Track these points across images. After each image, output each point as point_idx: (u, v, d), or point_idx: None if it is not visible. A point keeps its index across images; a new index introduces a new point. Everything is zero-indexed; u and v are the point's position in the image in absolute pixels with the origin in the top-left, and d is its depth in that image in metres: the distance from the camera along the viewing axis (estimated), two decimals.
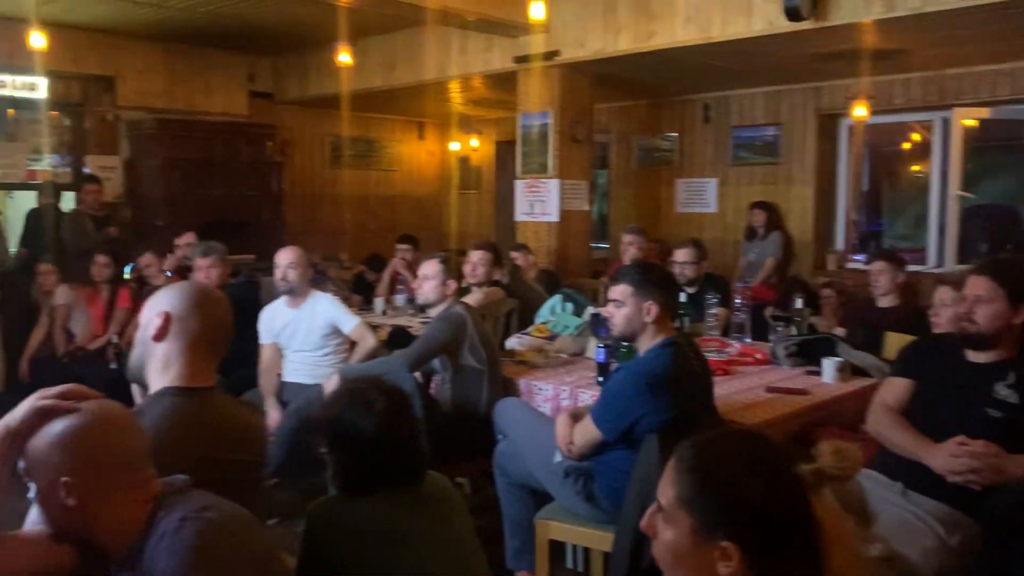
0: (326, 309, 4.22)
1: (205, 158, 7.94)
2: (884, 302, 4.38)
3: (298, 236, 8.78)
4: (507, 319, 4.90)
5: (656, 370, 2.67)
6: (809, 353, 3.92)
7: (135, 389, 2.00)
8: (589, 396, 3.38)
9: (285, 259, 4.21)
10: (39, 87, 7.38)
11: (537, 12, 5.80)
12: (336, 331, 4.22)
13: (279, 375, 4.29)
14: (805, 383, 3.62)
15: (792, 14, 5.08)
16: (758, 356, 4.03)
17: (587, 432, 2.75)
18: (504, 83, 7.37)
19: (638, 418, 2.61)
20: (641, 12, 6.03)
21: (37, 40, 6.00)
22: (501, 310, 4.87)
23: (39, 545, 1.52)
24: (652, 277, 2.81)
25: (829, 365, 3.66)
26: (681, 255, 4.79)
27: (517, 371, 3.83)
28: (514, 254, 5.88)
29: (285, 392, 4.22)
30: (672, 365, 2.68)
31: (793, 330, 4.34)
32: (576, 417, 2.87)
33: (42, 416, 1.50)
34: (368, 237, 10.10)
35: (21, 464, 1.51)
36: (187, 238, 5.78)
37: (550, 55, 6.60)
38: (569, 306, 4.63)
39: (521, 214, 7.12)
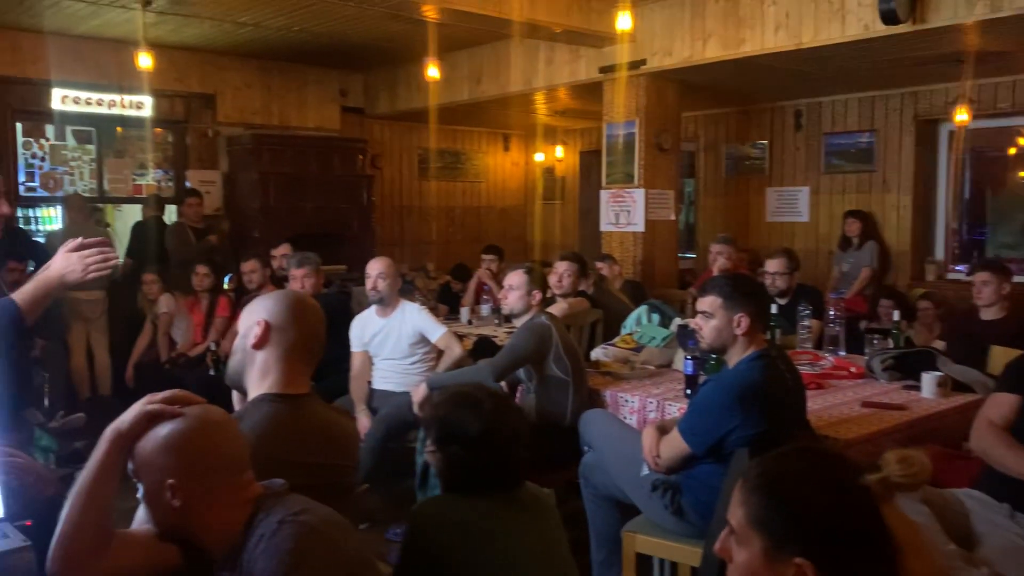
0: (414, 318, 4.30)
1: (299, 172, 8.21)
2: (988, 314, 4.19)
3: (387, 247, 9.01)
4: (592, 330, 4.89)
5: (747, 383, 2.62)
6: (907, 367, 3.78)
7: (235, 395, 2.07)
8: (676, 409, 3.34)
9: (375, 270, 4.31)
10: (145, 105, 7.76)
11: (624, 23, 5.78)
12: (424, 340, 4.29)
13: (369, 382, 4.39)
14: (903, 398, 3.49)
15: (888, 17, 4.92)
16: (853, 370, 3.91)
17: (675, 445, 2.71)
18: (590, 93, 7.37)
19: (728, 432, 2.57)
20: (730, 19, 5.95)
21: (144, 61, 6.31)
22: (586, 321, 4.86)
23: (149, 543, 1.60)
24: (743, 288, 2.76)
25: (929, 380, 3.53)
26: (773, 265, 4.69)
27: (603, 382, 3.82)
28: (599, 264, 5.86)
29: (374, 399, 4.32)
30: (763, 378, 2.63)
31: (890, 343, 4.20)
32: (663, 430, 2.84)
33: (150, 420, 1.57)
34: (454, 247, 10.26)
35: (130, 466, 1.59)
36: (282, 249, 5.97)
37: (636, 64, 6.57)
38: (656, 317, 4.59)
39: (606, 224, 7.09)
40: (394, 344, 4.31)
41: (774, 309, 4.38)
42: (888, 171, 7.83)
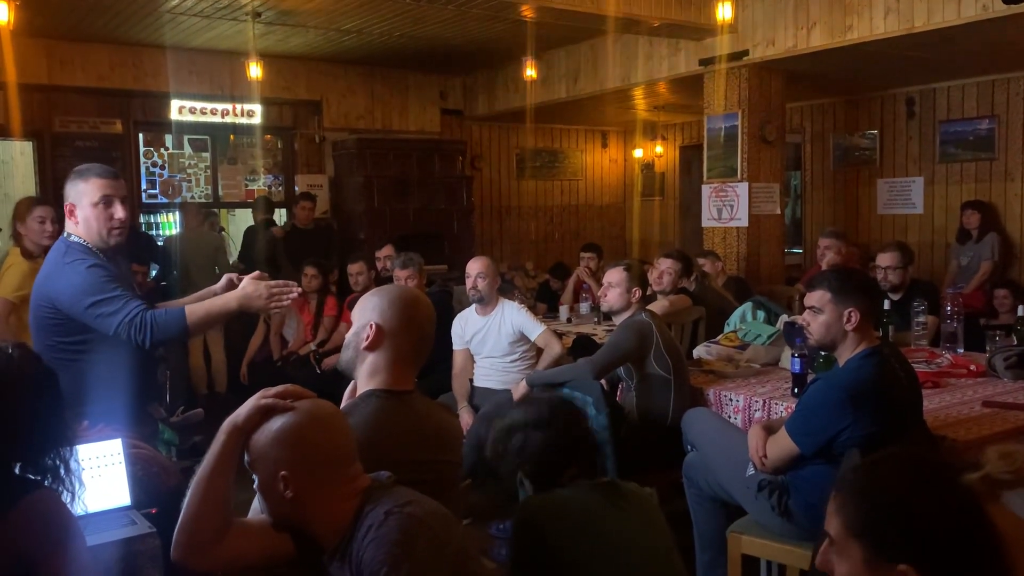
0: (514, 317, 4.33)
1: (402, 174, 8.41)
2: None
3: (486, 246, 9.12)
4: (694, 327, 4.81)
5: (858, 382, 2.53)
6: None
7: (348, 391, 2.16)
8: (783, 408, 3.26)
9: (475, 269, 4.36)
10: (256, 113, 8.10)
11: (725, 13, 5.66)
12: (523, 338, 4.32)
13: (470, 379, 4.45)
14: None
15: None
16: (972, 368, 3.71)
17: (782, 446, 2.64)
18: (690, 86, 7.26)
19: (838, 432, 2.49)
20: (836, 5, 5.74)
21: (255, 71, 6.58)
22: (688, 318, 4.78)
23: (264, 532, 1.67)
24: (853, 282, 2.66)
25: None
26: (885, 259, 4.50)
27: (706, 381, 3.75)
28: (701, 260, 5.76)
29: (476, 396, 4.37)
30: (876, 377, 2.53)
31: (1014, 339, 3.97)
32: (770, 430, 2.77)
33: (264, 413, 1.64)
34: (553, 246, 10.28)
35: (246, 458, 1.66)
36: (386, 251, 6.11)
37: (738, 55, 6.42)
38: (761, 314, 4.47)
39: (708, 219, 6.96)
40: (494, 342, 4.35)
41: (887, 305, 4.20)
42: (1010, 159, 7.40)
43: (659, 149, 10.64)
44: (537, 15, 5.88)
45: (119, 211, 2.69)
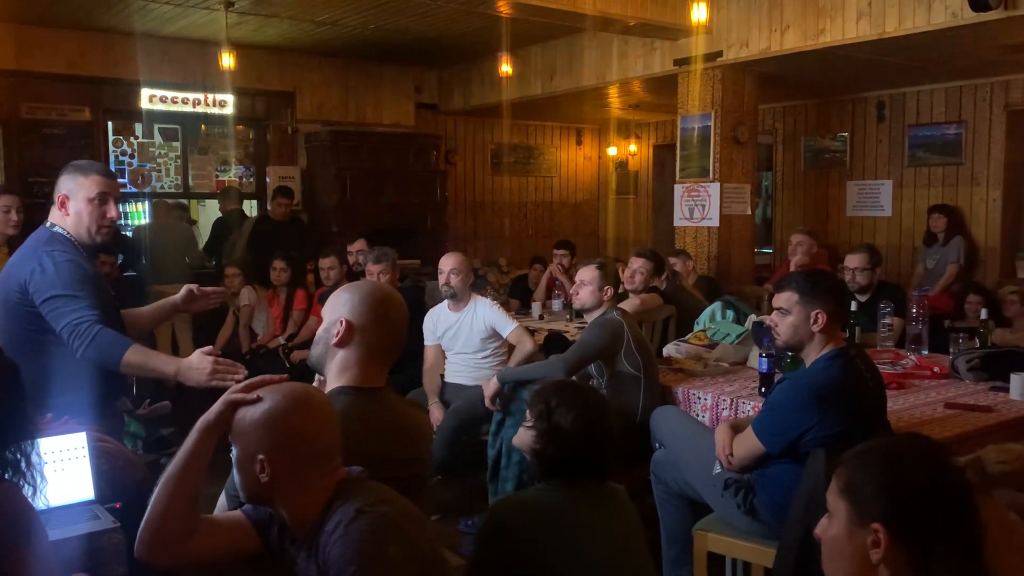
0: (486, 313, 4.33)
1: (375, 167, 8.35)
2: None
3: (460, 242, 9.10)
4: (664, 326, 4.84)
5: (824, 382, 2.56)
6: (994, 367, 3.63)
7: (316, 379, 2.14)
8: (751, 407, 3.29)
9: (448, 265, 4.35)
10: (228, 104, 8.01)
11: (699, 14, 5.70)
12: (495, 334, 4.32)
13: (441, 375, 4.44)
14: (990, 400, 3.36)
15: (978, 5, 4.73)
16: (936, 369, 3.77)
17: (749, 444, 2.67)
18: (664, 86, 7.29)
19: (804, 431, 2.52)
20: (809, 8, 5.80)
21: (227, 60, 6.51)
22: (658, 316, 4.81)
23: (232, 529, 1.66)
24: (821, 284, 2.70)
25: (1019, 380, 3.38)
26: (853, 261, 4.56)
27: (675, 379, 3.78)
28: (673, 260, 5.80)
29: (446, 392, 4.37)
30: (842, 377, 2.57)
31: (976, 342, 4.04)
32: (737, 428, 2.80)
33: (233, 408, 1.64)
34: (527, 242, 10.29)
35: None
36: (358, 244, 6.08)
37: (712, 56, 6.46)
38: (730, 313, 4.51)
39: (680, 219, 7.01)
40: (466, 338, 4.35)
41: (854, 306, 4.26)
42: (977, 164, 7.53)
43: (633, 148, 10.69)
44: (513, 11, 5.87)
45: (112, 210, 2.71)
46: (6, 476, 1.67)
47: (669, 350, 4.25)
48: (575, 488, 2.08)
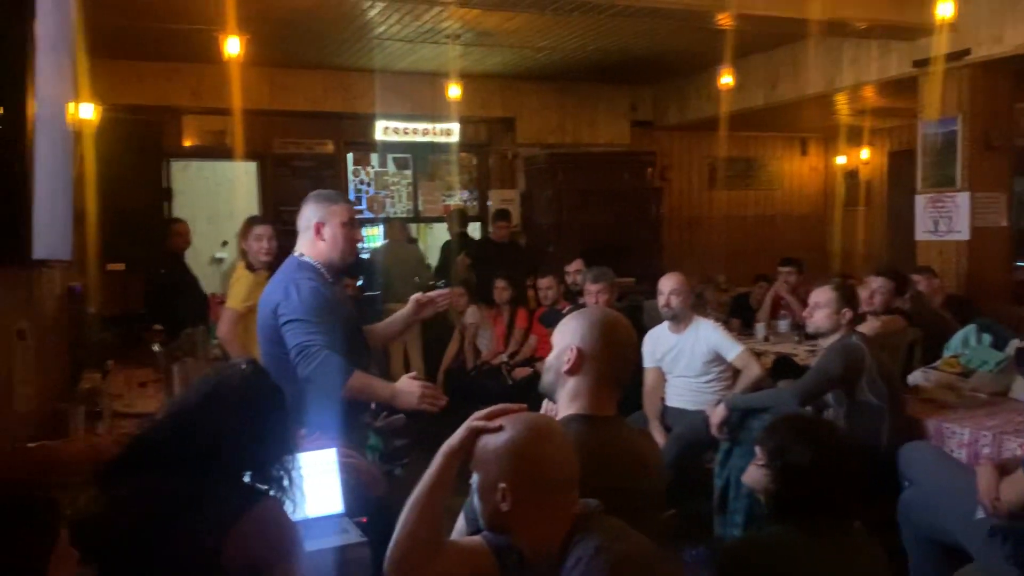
0: (709, 336, 4.20)
1: (591, 187, 8.41)
2: None
3: (675, 259, 8.92)
4: (909, 351, 4.46)
5: None
6: None
7: (545, 404, 2.19)
8: (1017, 446, 2.95)
9: (668, 286, 4.27)
10: (453, 132, 8.42)
11: (944, 11, 5.24)
12: (719, 358, 4.18)
13: (662, 399, 4.36)
14: None
15: None
16: None
17: (1021, 489, 2.38)
18: (900, 89, 6.79)
19: None
20: None
21: (454, 91, 6.83)
22: (901, 341, 4.44)
23: (472, 553, 1.70)
24: None
25: None
26: None
27: (924, 410, 3.47)
28: (916, 278, 5.34)
29: (667, 416, 4.28)
30: None
31: None
32: (1004, 469, 2.52)
33: (476, 435, 1.68)
34: (745, 258, 9.89)
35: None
36: (576, 265, 6.13)
37: (959, 55, 5.91)
38: (986, 337, 4.08)
39: (923, 232, 6.45)
40: (687, 362, 4.24)
41: None
42: None
43: (865, 155, 10.02)
44: (736, 23, 5.70)
45: (359, 234, 2.96)
46: (271, 491, 1.82)
47: (916, 378, 3.91)
48: (814, 530, 1.98)
